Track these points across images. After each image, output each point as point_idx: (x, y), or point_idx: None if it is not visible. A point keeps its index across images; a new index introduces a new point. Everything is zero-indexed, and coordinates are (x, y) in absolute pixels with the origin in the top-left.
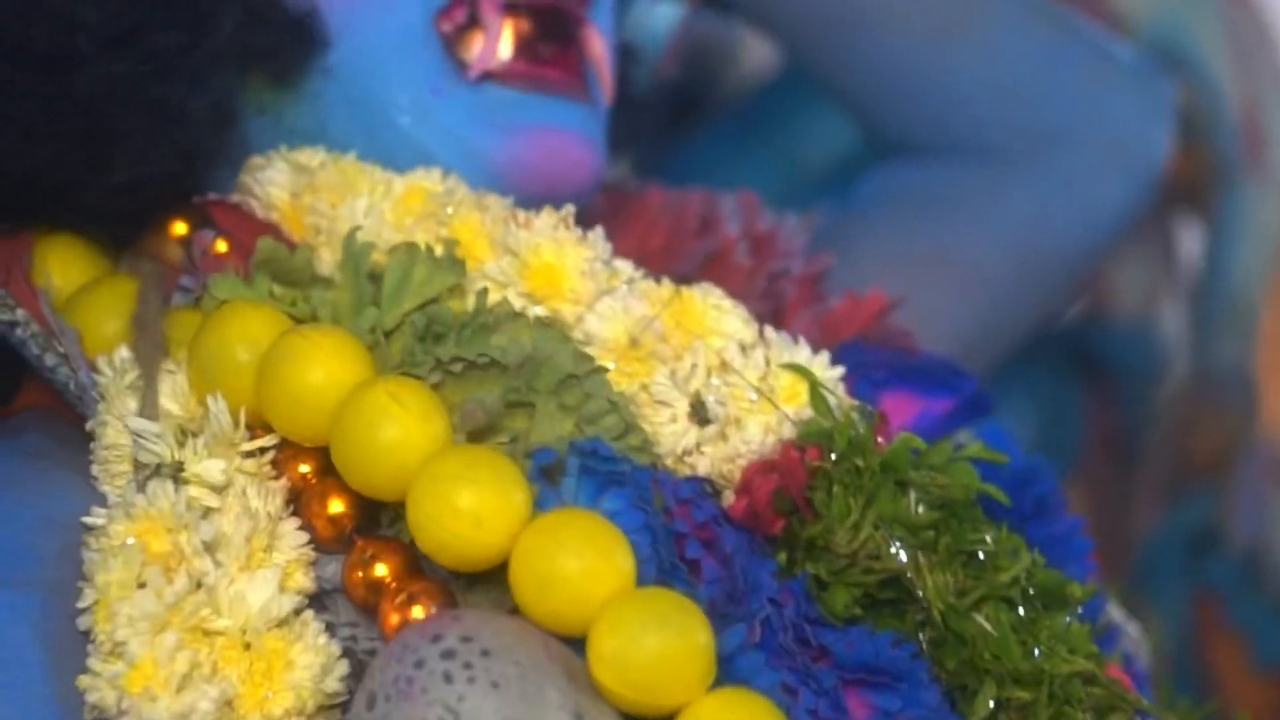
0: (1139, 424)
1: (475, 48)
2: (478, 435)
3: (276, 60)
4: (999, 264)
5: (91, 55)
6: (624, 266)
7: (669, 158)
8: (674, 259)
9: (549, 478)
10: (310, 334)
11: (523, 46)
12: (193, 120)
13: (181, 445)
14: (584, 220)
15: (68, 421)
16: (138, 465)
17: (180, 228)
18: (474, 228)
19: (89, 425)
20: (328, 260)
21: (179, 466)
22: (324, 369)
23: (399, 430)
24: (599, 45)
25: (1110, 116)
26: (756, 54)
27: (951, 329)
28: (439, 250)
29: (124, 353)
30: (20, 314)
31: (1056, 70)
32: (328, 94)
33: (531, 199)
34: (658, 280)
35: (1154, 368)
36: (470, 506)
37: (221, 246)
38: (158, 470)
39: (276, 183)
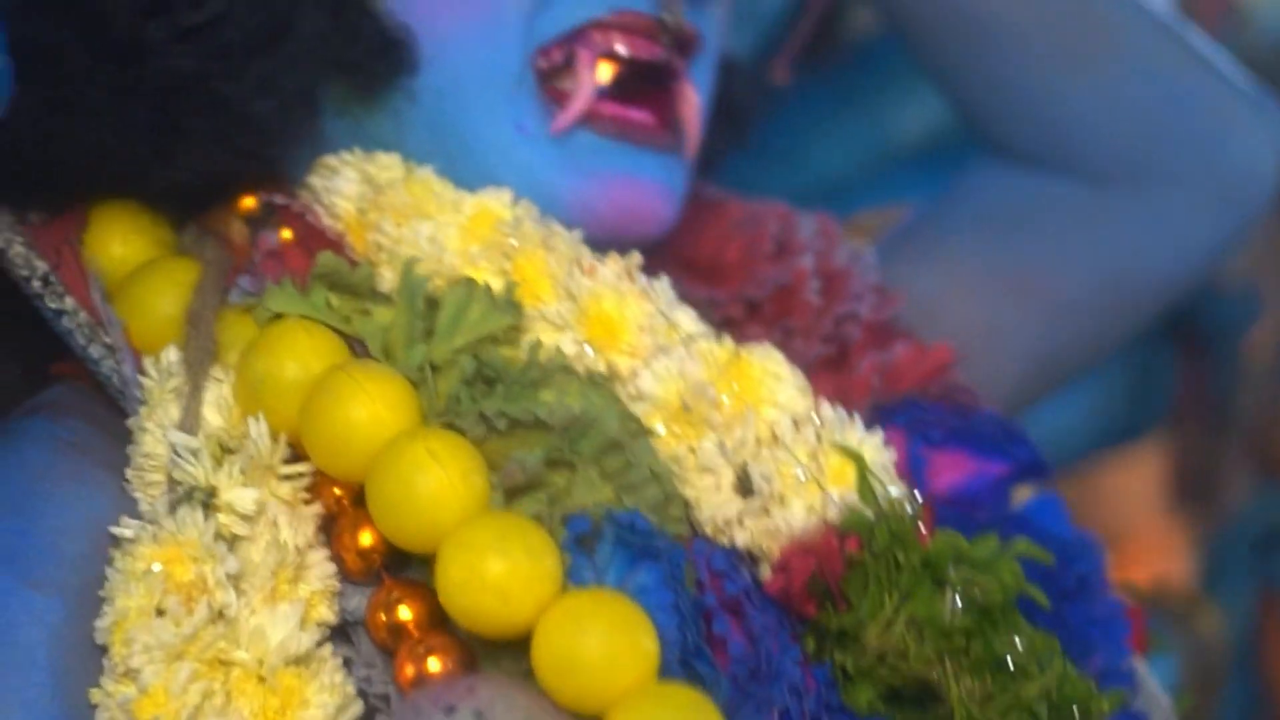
0: (1229, 383)
1: (566, 87)
2: (515, 490)
3: (360, 74)
4: (1085, 291)
5: (159, 45)
6: (685, 320)
7: (758, 122)
8: (746, 279)
9: (584, 546)
10: (357, 374)
11: (614, 86)
12: (258, 122)
13: (219, 464)
14: None
15: (104, 403)
16: (172, 481)
17: (249, 202)
18: (538, 266)
19: (128, 423)
20: (389, 279)
21: (212, 492)
22: (367, 411)
23: (435, 488)
24: (693, 103)
25: (1223, 159)
26: (854, 19)
27: (1027, 348)
28: (498, 287)
29: (172, 354)
30: (69, 302)
31: (1178, 108)
32: (408, 115)
33: (600, 240)
34: (718, 335)
35: (1246, 329)
36: (498, 580)
37: (286, 234)
38: (190, 494)
39: (344, 194)
